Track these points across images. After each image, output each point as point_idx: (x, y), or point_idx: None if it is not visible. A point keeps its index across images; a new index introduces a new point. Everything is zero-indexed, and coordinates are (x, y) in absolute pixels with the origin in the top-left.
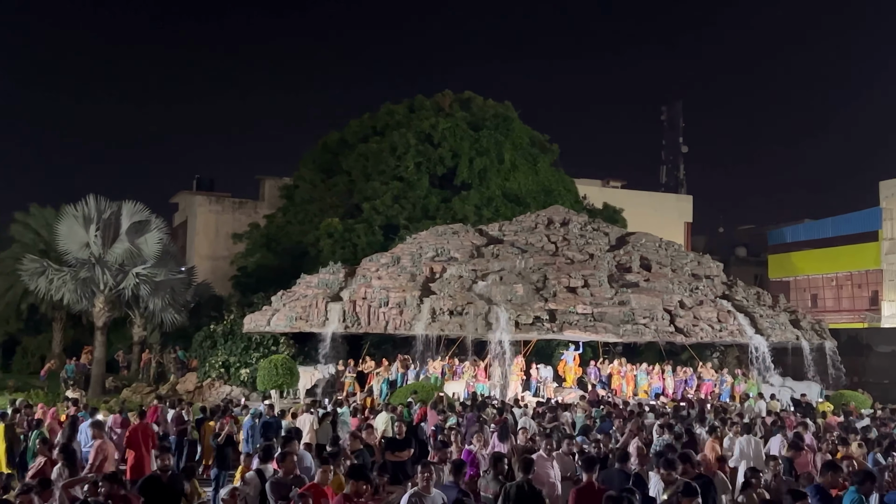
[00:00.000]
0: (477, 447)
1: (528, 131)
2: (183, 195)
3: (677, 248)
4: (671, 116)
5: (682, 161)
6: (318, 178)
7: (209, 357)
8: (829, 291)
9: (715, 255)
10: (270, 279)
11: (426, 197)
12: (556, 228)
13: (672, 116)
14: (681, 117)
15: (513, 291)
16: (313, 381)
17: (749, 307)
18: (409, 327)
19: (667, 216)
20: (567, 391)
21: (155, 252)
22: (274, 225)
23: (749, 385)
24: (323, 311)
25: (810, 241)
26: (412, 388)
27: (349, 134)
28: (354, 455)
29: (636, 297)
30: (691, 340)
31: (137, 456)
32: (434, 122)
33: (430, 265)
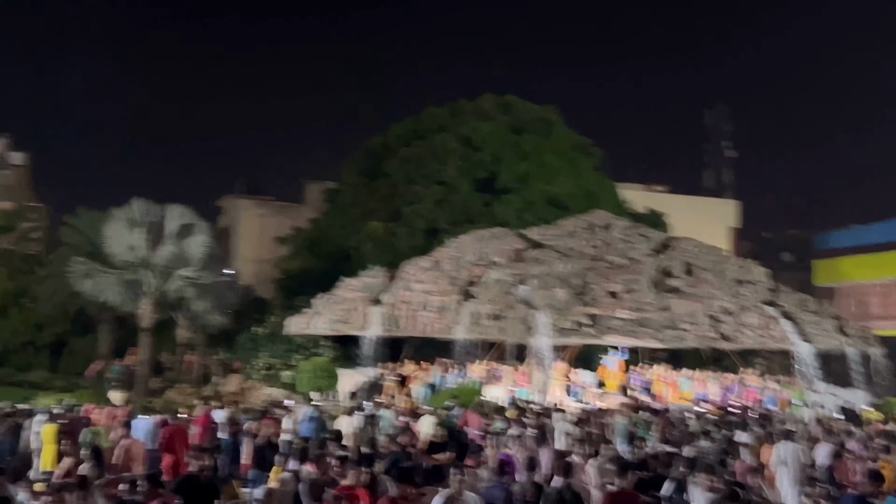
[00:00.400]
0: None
1: (570, 135)
2: (228, 199)
3: (720, 253)
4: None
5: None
6: (360, 182)
7: (252, 359)
8: (876, 298)
9: (760, 260)
10: (313, 282)
11: (468, 201)
12: (598, 233)
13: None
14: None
15: (553, 296)
16: (354, 383)
17: (794, 313)
18: (449, 331)
19: (711, 221)
20: (609, 396)
21: (200, 255)
22: (317, 228)
23: (794, 392)
24: (364, 315)
25: (857, 247)
26: (452, 392)
27: (392, 138)
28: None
29: (678, 303)
30: (734, 346)
31: (174, 458)
32: (476, 126)
33: (470, 269)
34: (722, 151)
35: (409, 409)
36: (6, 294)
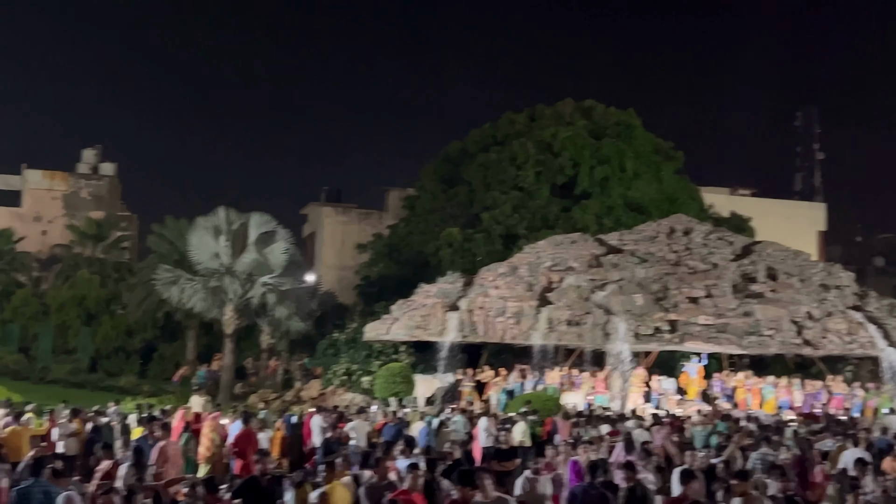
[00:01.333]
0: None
1: (651, 139)
2: (312, 207)
3: (805, 258)
4: (806, 122)
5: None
6: (438, 188)
7: (332, 365)
8: None
9: (852, 265)
10: (392, 288)
11: (546, 206)
12: (678, 237)
13: (807, 122)
14: (816, 123)
15: (632, 301)
16: (432, 390)
17: (882, 319)
18: (526, 337)
19: (798, 225)
20: (689, 404)
21: (281, 262)
22: (396, 235)
23: (883, 399)
24: (441, 320)
25: None
26: (526, 398)
27: (470, 144)
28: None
29: (761, 308)
30: (819, 352)
31: (245, 463)
32: (554, 130)
33: (547, 275)
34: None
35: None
36: (98, 301)
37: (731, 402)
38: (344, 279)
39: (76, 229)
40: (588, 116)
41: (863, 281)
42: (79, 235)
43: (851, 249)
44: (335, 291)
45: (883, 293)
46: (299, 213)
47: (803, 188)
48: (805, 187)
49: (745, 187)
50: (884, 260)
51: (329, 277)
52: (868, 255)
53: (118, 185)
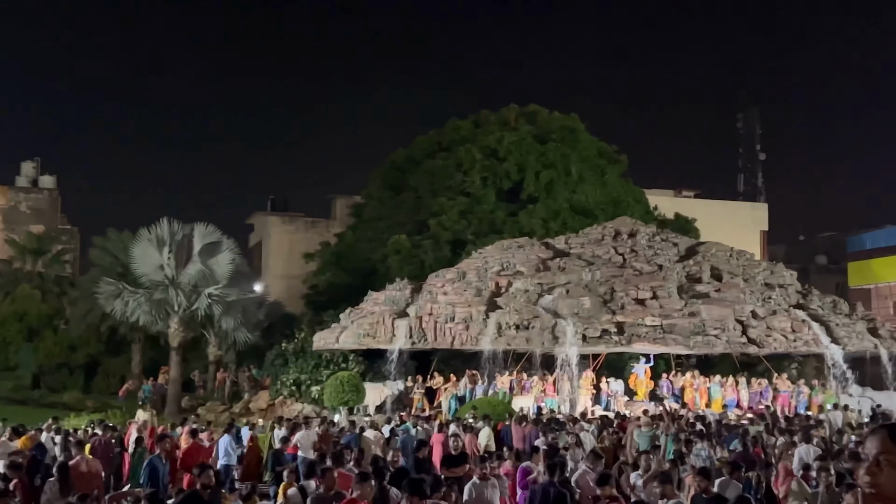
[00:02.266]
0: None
1: (595, 143)
2: (258, 216)
3: (749, 258)
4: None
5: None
6: (385, 195)
7: (281, 375)
8: None
9: (795, 263)
10: (341, 297)
11: (493, 212)
12: (624, 240)
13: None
14: (758, 124)
15: (580, 304)
16: (382, 397)
17: (825, 316)
18: (476, 342)
19: (741, 225)
20: (639, 405)
21: (227, 272)
22: (344, 243)
23: (827, 396)
24: (390, 328)
25: (891, 248)
26: (473, 404)
27: (416, 151)
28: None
29: (707, 308)
30: (764, 351)
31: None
32: (500, 136)
33: (495, 280)
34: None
35: (441, 422)
36: (40, 316)
37: (680, 402)
38: (291, 288)
39: (16, 244)
40: (532, 122)
41: (805, 279)
42: (19, 250)
43: (794, 248)
44: (283, 301)
45: (825, 291)
46: (245, 222)
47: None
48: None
49: (688, 189)
50: (826, 258)
51: (276, 287)
52: (810, 253)
53: (58, 199)
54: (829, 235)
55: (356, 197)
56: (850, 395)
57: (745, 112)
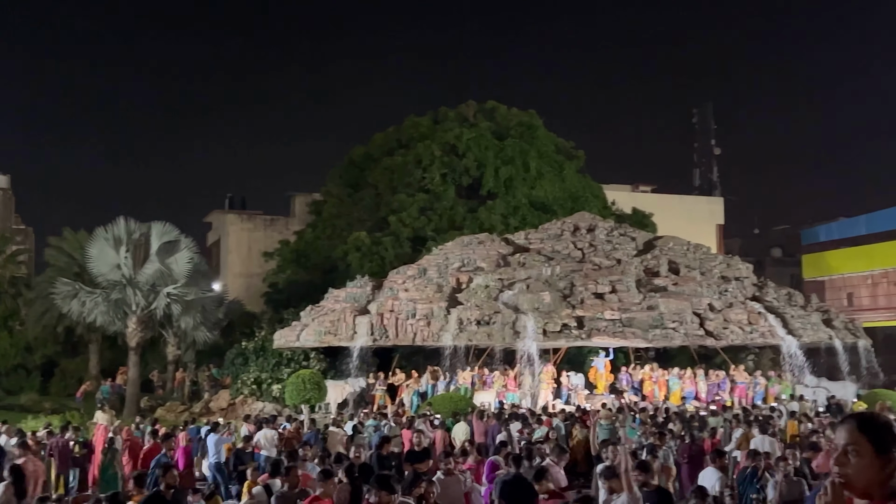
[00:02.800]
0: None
1: (553, 139)
2: (216, 214)
3: (706, 251)
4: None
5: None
6: (344, 192)
7: (241, 374)
8: (865, 290)
9: (750, 256)
10: (301, 295)
11: (452, 208)
12: (583, 235)
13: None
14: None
15: (540, 299)
16: (344, 395)
17: (780, 308)
18: (437, 338)
19: (698, 219)
20: (599, 398)
21: (185, 271)
22: (303, 241)
23: (783, 387)
24: (351, 325)
25: (844, 240)
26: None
27: (374, 148)
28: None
29: (665, 302)
30: (722, 343)
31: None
32: (458, 132)
33: (456, 276)
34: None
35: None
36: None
37: (639, 395)
38: (251, 287)
39: None
40: (491, 118)
41: (761, 272)
42: None
43: (749, 242)
44: (242, 300)
45: (780, 283)
46: (202, 221)
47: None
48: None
49: (645, 184)
50: (780, 251)
51: (235, 286)
52: (765, 246)
53: (12, 198)
54: (783, 229)
55: (315, 194)
56: (806, 385)
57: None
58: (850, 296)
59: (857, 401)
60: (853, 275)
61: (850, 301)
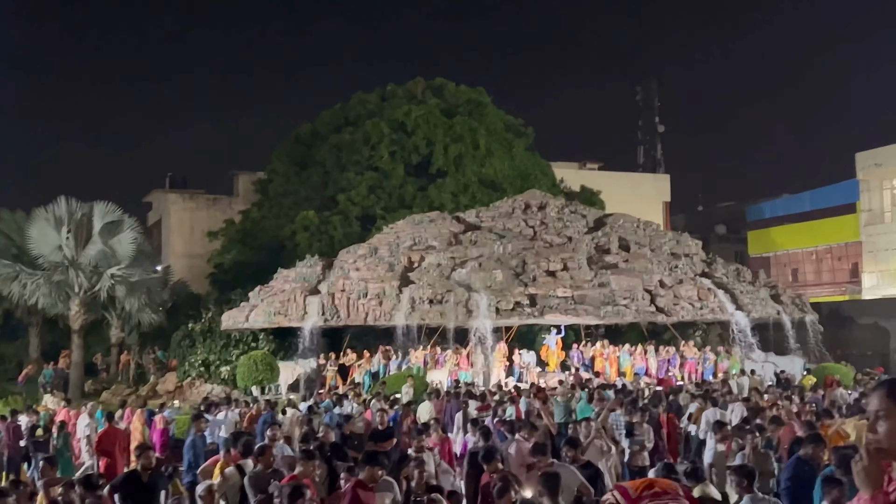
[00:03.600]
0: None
1: (502, 116)
2: (157, 194)
3: (655, 228)
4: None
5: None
6: (291, 171)
7: (188, 356)
8: (810, 265)
9: (695, 233)
10: (248, 275)
11: (402, 186)
12: (534, 213)
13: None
14: (656, 96)
15: (492, 278)
16: (294, 376)
17: (729, 284)
18: (389, 318)
19: (645, 196)
20: (551, 376)
21: (129, 252)
22: (249, 220)
23: (732, 362)
24: (301, 305)
25: (789, 216)
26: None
27: (321, 125)
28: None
29: (616, 279)
30: (672, 319)
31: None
32: (407, 110)
33: (408, 255)
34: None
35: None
36: None
37: (591, 371)
38: (195, 268)
39: None
40: (439, 95)
41: (706, 248)
42: None
43: (694, 218)
44: (187, 281)
45: (726, 260)
46: (143, 200)
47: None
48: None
49: (592, 161)
50: (725, 227)
51: (179, 267)
52: (710, 223)
53: None
54: (727, 205)
55: (260, 173)
56: (754, 360)
57: (643, 84)
58: (796, 271)
59: (807, 374)
60: (798, 250)
61: (795, 277)
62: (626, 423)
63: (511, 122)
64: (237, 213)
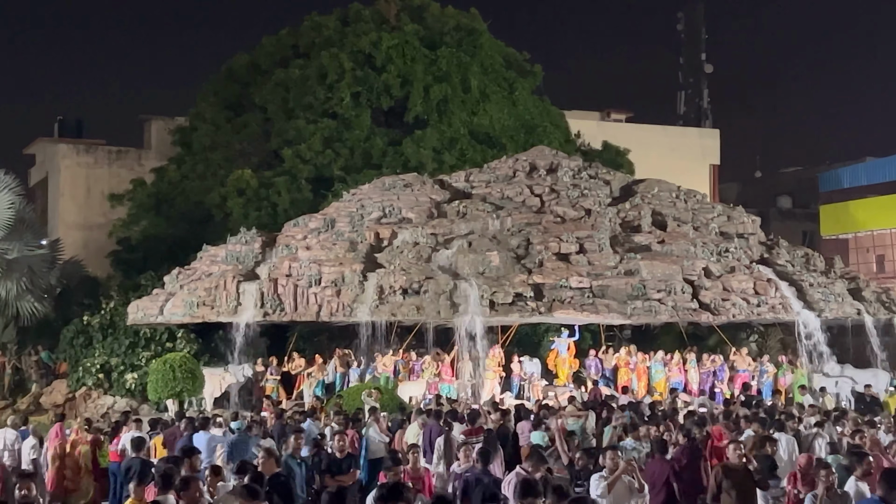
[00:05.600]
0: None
1: (501, 49)
2: (41, 143)
3: (700, 200)
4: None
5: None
6: (222, 116)
7: (83, 359)
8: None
9: (751, 207)
10: (163, 253)
11: (368, 139)
12: (541, 177)
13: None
14: (703, 25)
15: (486, 262)
16: (223, 386)
17: (795, 274)
18: (350, 312)
19: (687, 157)
20: (560, 390)
21: (4, 221)
22: (165, 181)
23: (797, 376)
24: (234, 294)
25: (874, 186)
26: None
27: (262, 57)
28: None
29: (648, 265)
30: (721, 319)
31: None
32: (376, 38)
33: (375, 229)
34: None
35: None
36: None
37: (613, 386)
38: (92, 242)
39: None
40: (419, 19)
41: (766, 227)
42: None
43: (749, 188)
44: (81, 259)
45: (792, 242)
46: (23, 152)
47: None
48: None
49: (618, 111)
50: (790, 200)
51: (71, 240)
52: (771, 193)
53: None
54: (794, 171)
55: (180, 119)
56: (826, 374)
57: (686, 10)
58: (882, 258)
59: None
60: (886, 231)
61: (881, 265)
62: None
63: (513, 56)
64: (149, 170)
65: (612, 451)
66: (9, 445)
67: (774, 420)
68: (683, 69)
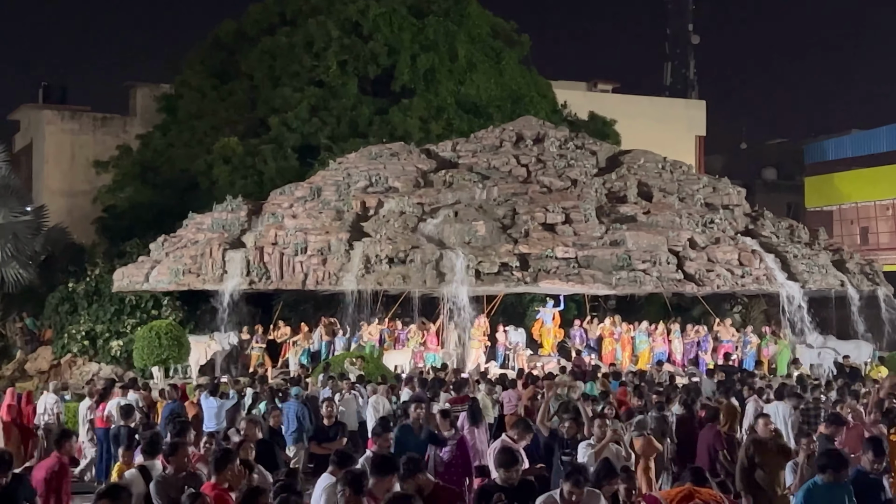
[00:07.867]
0: None
1: (489, 18)
2: (26, 110)
3: (686, 171)
4: None
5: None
6: (208, 84)
7: (68, 326)
8: (885, 223)
9: (737, 178)
10: (148, 221)
11: (355, 107)
12: (528, 147)
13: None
14: None
15: (472, 231)
16: (208, 354)
17: (780, 245)
18: (336, 281)
19: (673, 128)
20: (545, 360)
21: None
22: (150, 148)
23: (780, 347)
24: (220, 262)
25: (859, 158)
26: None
27: (249, 24)
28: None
29: (633, 236)
30: (705, 290)
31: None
32: (363, 6)
33: (361, 198)
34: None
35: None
36: None
37: (597, 356)
38: (77, 209)
39: None
40: None
41: (751, 199)
42: None
43: (736, 159)
44: (66, 226)
45: (776, 214)
46: (7, 118)
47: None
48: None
49: (605, 81)
50: (775, 172)
51: (56, 207)
52: (756, 165)
53: None
54: (779, 143)
55: (165, 86)
56: (809, 345)
57: None
58: (866, 230)
59: (875, 364)
60: (870, 203)
61: (865, 237)
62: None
63: (501, 25)
64: (134, 137)
65: (599, 420)
66: (49, 409)
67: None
68: (670, 40)
